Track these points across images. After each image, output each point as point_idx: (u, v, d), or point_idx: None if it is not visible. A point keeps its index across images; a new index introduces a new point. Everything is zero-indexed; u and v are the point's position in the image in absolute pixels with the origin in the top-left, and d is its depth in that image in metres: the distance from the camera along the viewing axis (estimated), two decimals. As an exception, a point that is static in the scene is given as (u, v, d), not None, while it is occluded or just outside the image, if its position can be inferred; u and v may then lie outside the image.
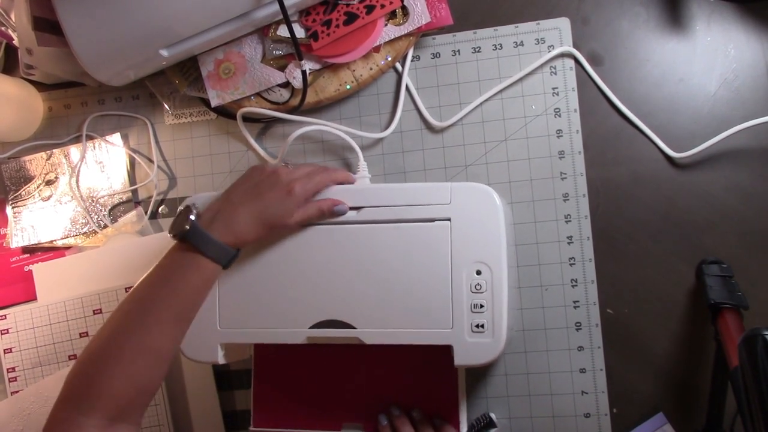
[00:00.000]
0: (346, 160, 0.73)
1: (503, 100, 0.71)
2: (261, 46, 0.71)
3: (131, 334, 0.54)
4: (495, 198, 0.57)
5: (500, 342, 0.55)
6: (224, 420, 0.73)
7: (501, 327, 0.56)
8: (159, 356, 0.55)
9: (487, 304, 0.56)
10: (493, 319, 0.56)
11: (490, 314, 0.56)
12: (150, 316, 0.54)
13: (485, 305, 0.56)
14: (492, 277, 0.56)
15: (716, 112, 0.67)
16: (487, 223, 0.57)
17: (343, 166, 0.73)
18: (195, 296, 0.56)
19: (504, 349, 0.56)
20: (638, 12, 0.69)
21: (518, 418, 0.68)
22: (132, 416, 0.53)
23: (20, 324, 0.78)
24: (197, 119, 0.77)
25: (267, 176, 0.59)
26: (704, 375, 0.64)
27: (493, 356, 0.56)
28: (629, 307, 0.67)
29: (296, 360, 0.66)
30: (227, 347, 0.62)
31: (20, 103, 0.79)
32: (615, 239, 0.68)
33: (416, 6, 0.69)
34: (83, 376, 0.53)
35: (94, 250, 0.77)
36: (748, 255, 0.65)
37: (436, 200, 0.58)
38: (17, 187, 0.81)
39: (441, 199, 0.58)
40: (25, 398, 0.76)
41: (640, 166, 0.68)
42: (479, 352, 0.56)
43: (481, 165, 0.71)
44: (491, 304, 0.56)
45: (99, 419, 0.51)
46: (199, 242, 0.56)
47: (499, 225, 0.57)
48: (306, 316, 0.59)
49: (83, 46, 0.65)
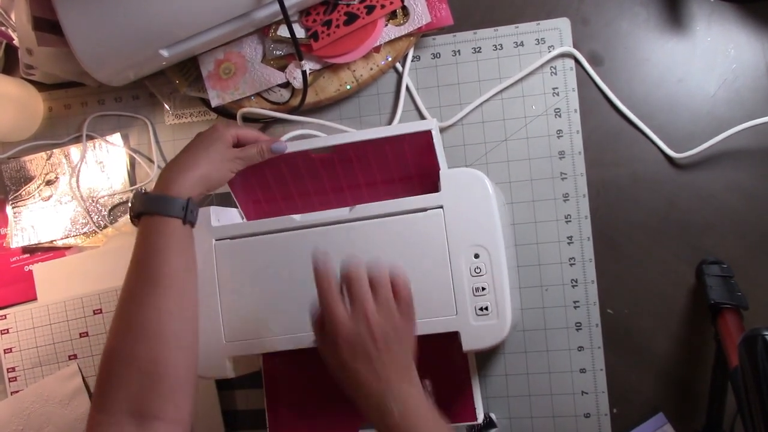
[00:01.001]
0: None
1: (503, 100, 0.71)
2: (261, 46, 0.71)
3: (121, 319, 0.53)
4: (485, 180, 0.57)
5: (506, 322, 0.55)
6: (224, 420, 0.73)
7: (505, 307, 0.56)
8: (149, 333, 0.52)
9: (489, 286, 0.56)
10: (496, 300, 0.56)
11: (492, 296, 0.56)
12: (132, 292, 0.54)
13: (487, 287, 0.56)
14: (490, 258, 0.56)
15: (716, 113, 0.67)
16: (479, 206, 0.57)
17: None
18: (163, 257, 0.55)
19: (510, 330, 0.56)
20: (638, 12, 0.69)
21: (518, 418, 0.68)
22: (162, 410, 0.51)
23: (20, 324, 0.78)
24: (197, 119, 0.77)
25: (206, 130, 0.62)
26: (704, 375, 0.64)
27: (500, 337, 0.56)
28: (629, 307, 0.67)
29: (305, 366, 0.66)
30: (235, 360, 0.62)
31: (20, 103, 0.79)
32: (615, 239, 0.68)
33: (416, 6, 0.69)
34: (100, 375, 0.53)
35: (94, 250, 0.77)
36: (748, 255, 0.65)
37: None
38: (17, 187, 0.81)
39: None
40: (25, 398, 0.76)
41: (640, 167, 0.68)
42: (486, 335, 0.56)
43: (481, 165, 0.71)
44: (492, 286, 0.56)
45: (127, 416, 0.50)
46: (147, 205, 0.56)
47: (492, 207, 0.57)
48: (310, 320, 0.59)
49: (83, 46, 0.65)
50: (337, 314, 0.52)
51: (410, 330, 0.53)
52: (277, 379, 0.67)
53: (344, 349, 0.51)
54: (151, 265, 0.55)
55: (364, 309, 0.51)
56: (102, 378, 0.52)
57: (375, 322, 0.51)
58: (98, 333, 0.76)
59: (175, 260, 0.55)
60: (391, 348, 0.51)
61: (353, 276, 0.53)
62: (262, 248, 0.61)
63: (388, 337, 0.51)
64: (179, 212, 0.56)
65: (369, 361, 0.51)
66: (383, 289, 0.53)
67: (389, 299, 0.52)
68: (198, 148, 0.60)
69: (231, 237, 0.62)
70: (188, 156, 0.59)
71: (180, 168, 0.58)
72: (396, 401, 0.50)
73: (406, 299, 0.53)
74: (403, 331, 0.52)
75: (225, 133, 0.61)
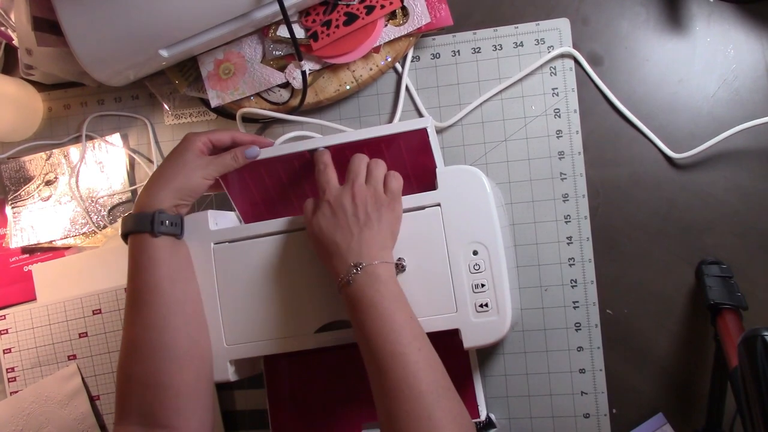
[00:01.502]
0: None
1: (503, 100, 0.71)
2: (261, 46, 0.71)
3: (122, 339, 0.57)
4: (481, 177, 0.57)
5: (506, 318, 0.55)
6: (224, 420, 0.73)
7: (505, 303, 0.55)
8: (142, 349, 0.55)
9: (488, 283, 0.56)
10: (495, 297, 0.56)
11: (492, 292, 0.56)
12: (125, 315, 0.57)
13: (486, 284, 0.56)
14: (489, 255, 0.56)
15: (716, 113, 0.67)
16: (477, 203, 0.57)
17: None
18: (140, 273, 0.57)
19: (511, 327, 0.56)
20: (638, 12, 0.69)
21: (518, 418, 0.68)
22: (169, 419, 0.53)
23: (19, 324, 0.78)
24: (197, 119, 0.77)
25: None
26: (704, 375, 0.64)
27: (501, 334, 0.55)
28: (629, 308, 0.67)
29: (307, 367, 0.66)
30: (237, 364, 0.61)
31: (20, 103, 0.79)
32: (615, 240, 0.68)
33: (416, 6, 0.69)
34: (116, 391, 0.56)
35: (94, 251, 0.77)
36: (748, 255, 0.65)
37: None
38: (17, 187, 0.80)
39: None
40: (25, 398, 0.76)
41: (639, 167, 0.68)
42: (487, 332, 0.56)
43: (481, 165, 0.71)
44: (492, 282, 0.56)
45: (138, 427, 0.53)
46: (124, 226, 0.59)
47: (489, 203, 0.57)
48: (310, 321, 0.59)
49: (83, 46, 0.65)
50: (329, 180, 0.57)
51: (392, 212, 0.56)
52: (279, 381, 0.67)
53: (327, 215, 0.55)
54: (134, 282, 0.57)
55: (353, 181, 0.56)
56: (117, 394, 0.56)
57: (360, 193, 0.55)
58: (97, 333, 0.76)
59: (155, 274, 0.57)
60: (370, 223, 0.54)
61: (355, 155, 0.59)
62: (260, 251, 0.61)
63: (368, 210, 0.55)
64: (147, 226, 0.57)
65: (347, 231, 0.54)
66: (376, 171, 0.57)
67: (379, 181, 0.57)
68: (169, 161, 0.60)
69: (229, 240, 0.62)
70: (160, 171, 0.60)
71: (152, 183, 0.59)
72: (365, 273, 0.52)
73: (395, 189, 0.57)
74: (385, 210, 0.56)
75: (194, 141, 0.61)
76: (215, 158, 0.61)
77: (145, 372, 0.54)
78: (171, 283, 0.57)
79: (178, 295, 0.58)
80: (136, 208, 0.59)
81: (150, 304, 0.56)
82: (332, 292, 0.58)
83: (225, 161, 0.61)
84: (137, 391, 0.54)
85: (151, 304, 0.56)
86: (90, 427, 0.75)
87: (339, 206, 0.55)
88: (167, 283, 0.57)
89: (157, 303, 0.56)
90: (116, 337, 0.76)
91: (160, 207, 0.58)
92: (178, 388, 0.54)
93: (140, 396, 0.54)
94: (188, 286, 0.60)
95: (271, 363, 0.67)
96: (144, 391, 0.54)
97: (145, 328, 0.55)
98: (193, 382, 0.56)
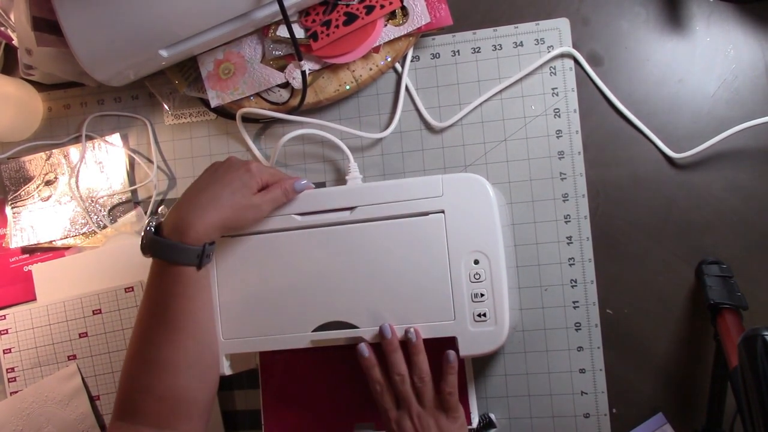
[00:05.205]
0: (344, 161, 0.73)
1: (503, 100, 0.71)
2: (261, 46, 0.71)
3: (141, 349, 0.56)
4: (486, 186, 0.57)
5: (504, 329, 0.56)
6: (224, 420, 0.73)
7: (503, 314, 0.56)
8: (168, 367, 0.55)
9: (488, 293, 0.56)
10: (494, 307, 0.56)
11: (491, 302, 0.56)
12: (149, 330, 0.56)
13: (486, 294, 0.56)
14: (490, 265, 0.56)
15: (716, 113, 0.67)
16: (480, 212, 0.57)
17: (340, 166, 0.73)
18: (178, 303, 0.55)
19: (508, 336, 0.56)
20: (638, 12, 0.69)
21: (518, 418, 0.68)
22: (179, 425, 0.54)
23: (19, 324, 0.78)
24: (197, 119, 0.77)
25: (223, 163, 0.59)
26: (704, 375, 0.64)
27: (497, 344, 0.56)
28: (629, 307, 0.67)
29: (302, 365, 0.66)
30: (232, 358, 0.62)
31: (20, 103, 0.79)
32: (614, 239, 0.68)
33: (416, 6, 0.69)
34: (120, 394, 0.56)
35: (94, 251, 0.77)
36: (748, 255, 0.65)
37: (428, 193, 0.58)
38: (17, 187, 0.80)
39: (433, 192, 0.58)
40: (25, 398, 0.76)
41: (639, 167, 0.68)
42: (483, 341, 0.56)
43: (480, 165, 0.71)
44: (491, 293, 0.56)
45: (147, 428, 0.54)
46: (159, 253, 0.55)
47: (493, 213, 0.57)
48: (308, 320, 0.59)
49: (83, 46, 0.65)
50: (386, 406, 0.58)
51: (455, 422, 0.57)
52: (274, 377, 0.67)
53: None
54: (168, 309, 0.55)
55: (408, 408, 0.57)
56: (123, 398, 0.56)
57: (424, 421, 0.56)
58: (97, 333, 0.76)
59: (191, 304, 0.56)
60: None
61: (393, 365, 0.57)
62: (262, 247, 0.61)
63: None
64: (194, 260, 0.55)
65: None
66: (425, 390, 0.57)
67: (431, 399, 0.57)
68: (222, 190, 0.56)
69: (231, 234, 0.62)
70: (209, 197, 0.55)
71: (198, 210, 0.54)
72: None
73: (453, 403, 0.57)
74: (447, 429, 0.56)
75: (255, 178, 0.57)
76: (266, 194, 0.58)
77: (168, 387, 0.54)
78: (203, 311, 0.58)
79: (207, 321, 0.58)
80: (173, 228, 0.54)
81: (185, 330, 0.55)
82: (332, 291, 0.59)
83: (276, 196, 0.58)
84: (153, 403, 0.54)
85: (186, 329, 0.56)
86: (90, 427, 0.75)
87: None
88: (204, 312, 0.58)
89: (192, 328, 0.56)
90: (116, 337, 0.76)
91: (206, 240, 0.55)
92: (195, 400, 0.56)
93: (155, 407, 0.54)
94: (212, 311, 0.60)
95: (267, 359, 0.67)
96: (161, 404, 0.54)
97: (177, 350, 0.55)
98: (207, 391, 0.57)
